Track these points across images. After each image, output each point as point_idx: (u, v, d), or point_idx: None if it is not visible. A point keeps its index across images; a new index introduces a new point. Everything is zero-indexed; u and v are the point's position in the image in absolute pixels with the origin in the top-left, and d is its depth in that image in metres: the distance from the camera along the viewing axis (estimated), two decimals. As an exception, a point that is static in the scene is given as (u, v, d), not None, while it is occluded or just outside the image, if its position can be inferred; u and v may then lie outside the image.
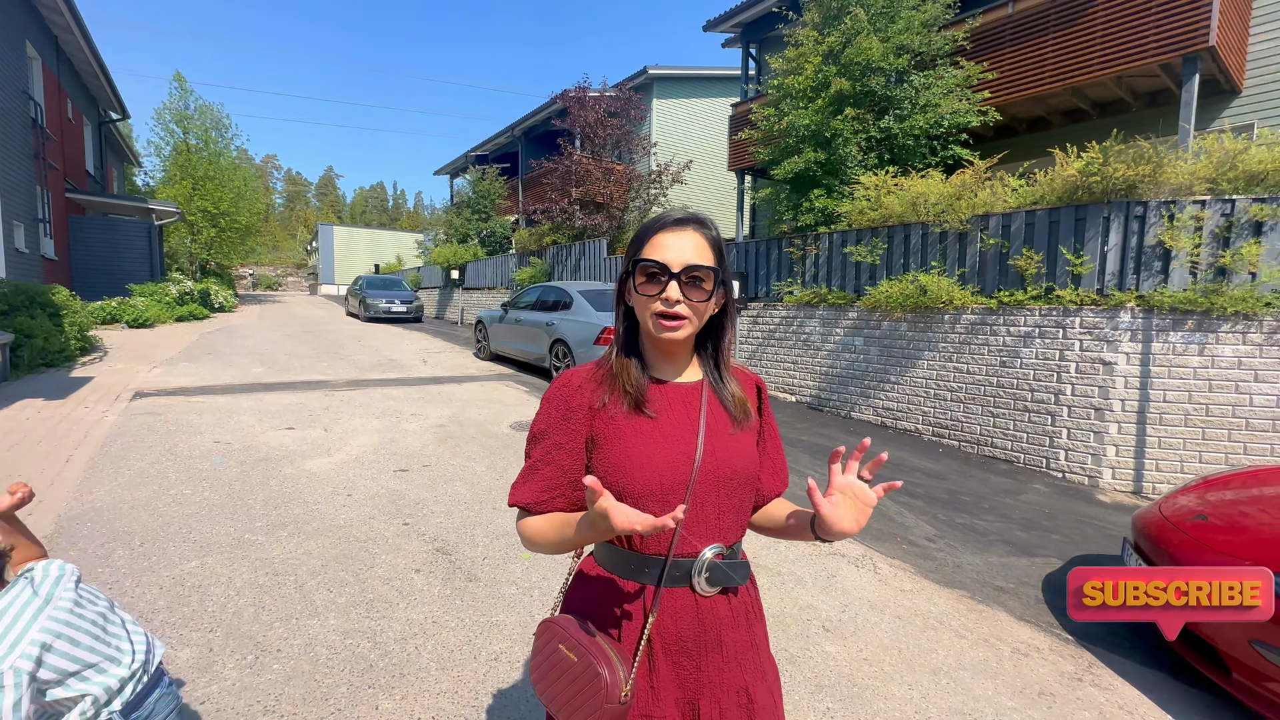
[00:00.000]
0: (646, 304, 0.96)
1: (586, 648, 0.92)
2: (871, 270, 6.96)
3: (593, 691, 0.89)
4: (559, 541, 0.97)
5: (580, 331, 7.59)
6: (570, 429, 0.98)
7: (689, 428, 0.99)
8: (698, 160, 14.64)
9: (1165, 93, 7.88)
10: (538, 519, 1.00)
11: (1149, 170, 4.96)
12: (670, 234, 0.96)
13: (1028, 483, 5.05)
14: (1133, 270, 5.10)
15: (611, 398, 0.98)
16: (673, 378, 1.03)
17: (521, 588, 2.90)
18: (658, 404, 0.99)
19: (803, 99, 7.62)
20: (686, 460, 0.96)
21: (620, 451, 0.96)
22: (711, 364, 1.06)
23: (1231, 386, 4.73)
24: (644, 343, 1.03)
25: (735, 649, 1.00)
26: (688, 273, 0.93)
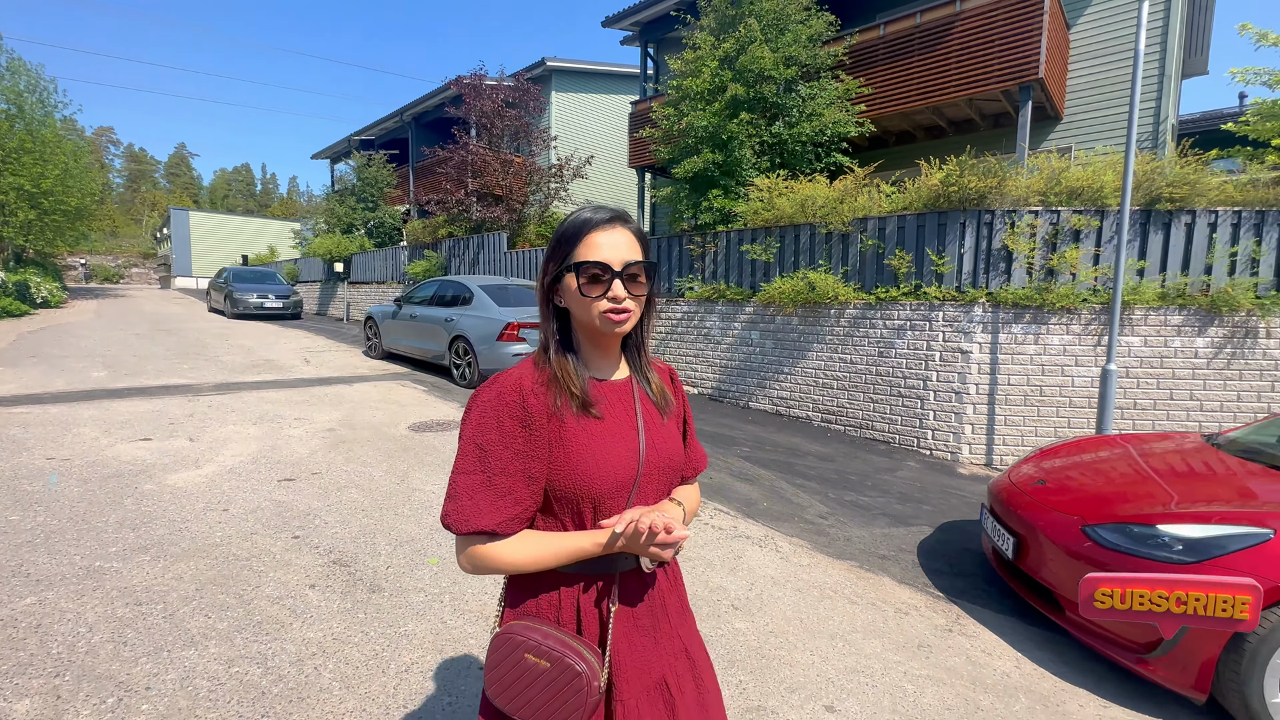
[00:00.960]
0: (591, 304, 0.96)
1: (557, 650, 0.92)
2: (766, 268, 7.37)
3: (574, 689, 0.90)
4: (542, 566, 0.96)
5: (482, 327, 7.35)
6: (534, 436, 0.95)
7: (630, 424, 1.03)
8: (599, 156, 14.66)
9: (1006, 116, 9.02)
10: (513, 543, 0.95)
11: (995, 183, 5.67)
12: (603, 233, 0.97)
13: (903, 460, 5.61)
14: (984, 270, 5.82)
15: (561, 401, 0.97)
16: (609, 375, 1.06)
17: (431, 594, 2.78)
18: (601, 404, 1.01)
19: (700, 101, 7.88)
20: (633, 456, 1.00)
21: (577, 454, 0.96)
22: (635, 356, 1.10)
23: (1059, 370, 5.55)
24: (578, 342, 1.04)
25: (675, 612, 1.10)
26: (628, 270, 0.96)
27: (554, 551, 0.95)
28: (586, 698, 0.90)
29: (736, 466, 5.13)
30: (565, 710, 0.91)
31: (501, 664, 0.96)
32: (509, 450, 0.94)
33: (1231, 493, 2.59)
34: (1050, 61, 7.70)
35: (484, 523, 0.93)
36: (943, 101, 8.36)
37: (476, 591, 2.83)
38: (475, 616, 2.63)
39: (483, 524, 0.93)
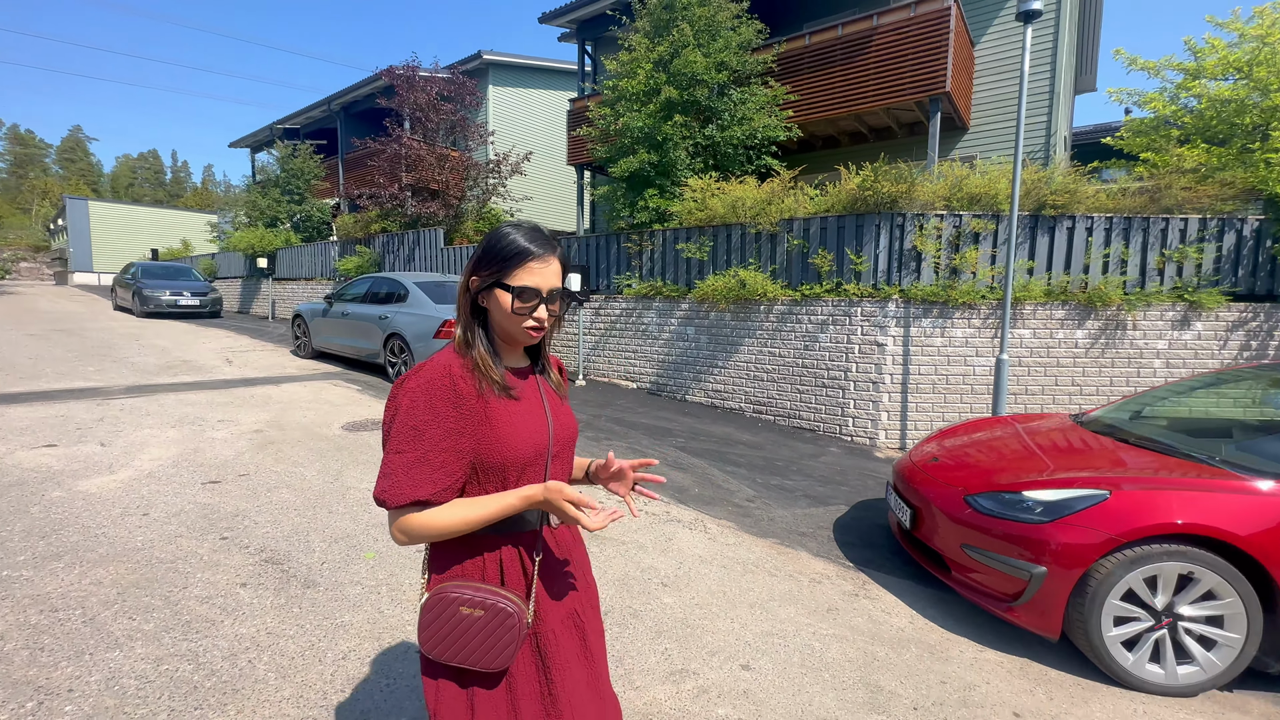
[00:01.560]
0: (519, 320, 1.13)
1: (488, 599, 1.07)
2: (700, 265, 7.64)
3: (506, 627, 1.07)
4: (472, 526, 1.09)
5: (418, 325, 7.27)
6: (463, 415, 1.08)
7: (538, 404, 1.20)
8: (538, 152, 14.60)
9: (920, 124, 9.69)
10: (445, 509, 1.08)
11: (906, 188, 6.14)
12: (540, 263, 1.12)
13: (826, 447, 6.00)
14: (897, 268, 6.29)
15: (484, 385, 1.11)
16: (516, 364, 1.23)
17: (367, 587, 2.83)
18: (516, 388, 1.17)
19: (636, 102, 8.06)
20: (544, 431, 1.18)
21: (502, 431, 1.11)
22: (539, 351, 1.29)
23: (962, 360, 6.09)
24: (494, 337, 1.19)
25: (578, 559, 1.31)
26: (551, 296, 1.15)
27: (484, 510, 1.08)
28: (518, 632, 1.08)
29: (672, 456, 5.36)
30: (501, 645, 1.07)
31: (437, 620, 1.09)
32: (441, 429, 1.06)
33: (1084, 462, 3.00)
34: (956, 76, 8.35)
35: (420, 493, 1.04)
36: (863, 109, 8.90)
37: (414, 582, 2.90)
38: (411, 605, 2.70)
39: (419, 494, 1.04)
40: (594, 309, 8.70)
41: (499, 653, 1.08)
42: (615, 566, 3.23)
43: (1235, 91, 6.63)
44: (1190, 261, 6.09)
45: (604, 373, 8.67)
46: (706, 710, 2.17)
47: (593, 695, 1.21)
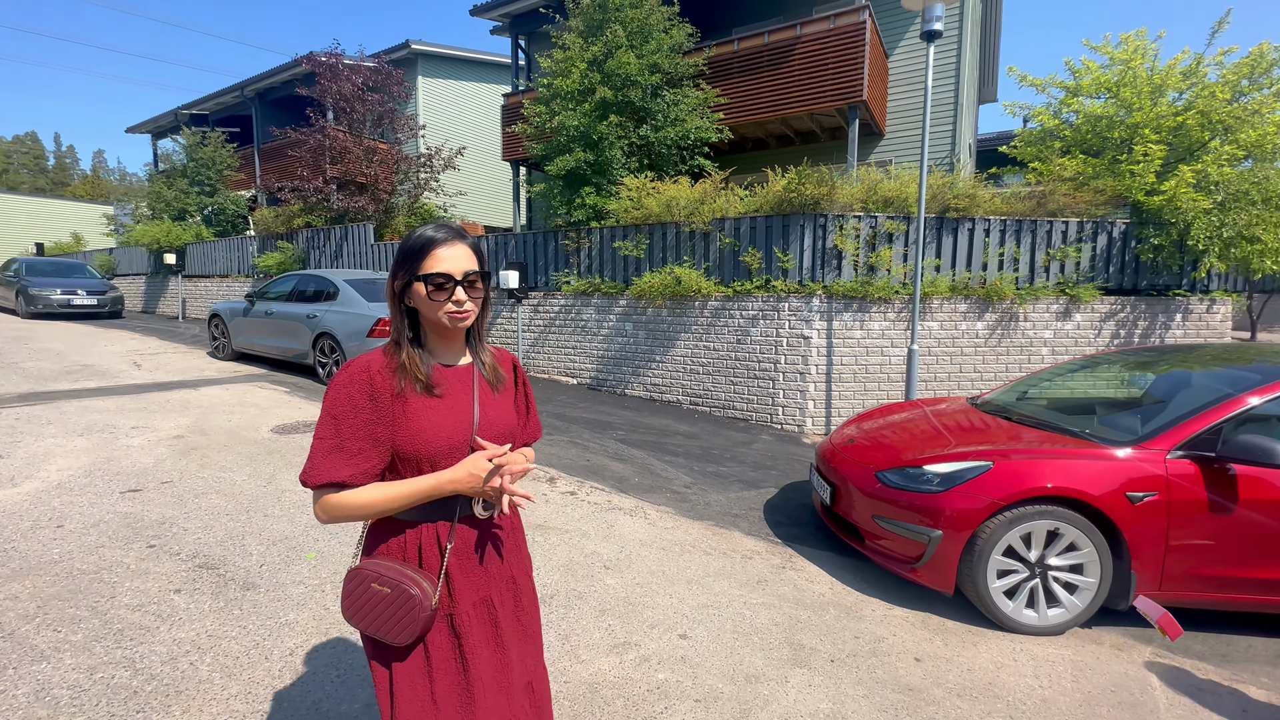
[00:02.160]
0: (438, 306, 1.19)
1: (396, 579, 1.16)
2: (637, 263, 7.84)
3: (409, 608, 1.15)
4: (382, 507, 1.17)
5: (351, 324, 7.08)
6: (379, 407, 1.16)
7: (466, 400, 1.26)
8: (473, 147, 14.34)
9: (841, 130, 10.27)
10: (362, 491, 1.16)
11: (827, 191, 6.56)
12: (445, 248, 1.19)
13: (758, 435, 6.34)
14: (820, 266, 6.71)
15: (405, 384, 1.19)
16: (453, 361, 1.29)
17: (311, 586, 2.84)
18: (443, 385, 1.24)
19: (571, 101, 8.14)
20: (467, 425, 1.24)
21: (418, 425, 1.18)
22: (475, 344, 1.33)
23: (879, 351, 6.58)
24: (426, 335, 1.26)
25: (508, 550, 1.36)
26: (467, 278, 1.20)
27: (397, 493, 1.16)
28: (420, 614, 1.15)
29: (612, 448, 5.52)
30: (404, 624, 1.16)
31: (353, 593, 1.20)
32: (358, 419, 1.15)
33: (977, 439, 3.40)
34: (872, 86, 8.92)
35: (336, 475, 1.13)
36: (789, 114, 9.35)
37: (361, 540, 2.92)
38: (359, 600, 2.74)
39: (335, 476, 1.13)
40: (533, 306, 8.73)
41: (402, 629, 1.16)
42: (560, 553, 3.36)
43: (1106, 109, 7.48)
44: (1070, 260, 6.84)
45: (544, 369, 8.72)
46: (648, 676, 2.36)
47: (499, 683, 1.27)
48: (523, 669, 1.34)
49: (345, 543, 3.29)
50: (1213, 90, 6.91)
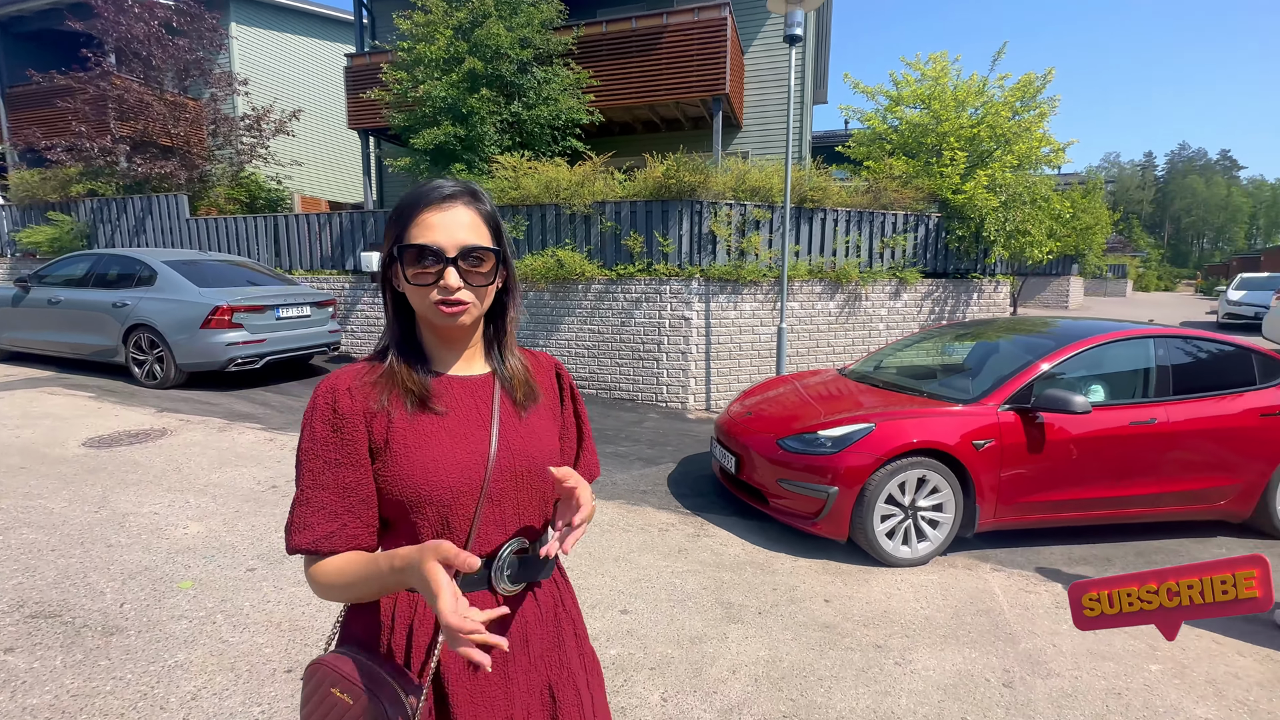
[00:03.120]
0: (423, 292, 0.85)
1: (363, 684, 0.80)
2: (516, 244, 7.61)
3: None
4: (350, 591, 0.83)
5: (177, 312, 6.01)
6: (345, 441, 0.83)
7: (480, 424, 0.90)
8: (310, 112, 12.69)
9: (704, 120, 10.80)
10: (335, 561, 0.83)
11: (703, 179, 6.90)
12: (437, 211, 0.85)
13: (646, 414, 6.58)
14: (697, 250, 7.07)
15: (390, 398, 0.86)
16: (463, 370, 0.94)
17: (197, 618, 2.46)
18: (445, 399, 0.89)
19: (437, 69, 7.59)
20: (480, 460, 0.87)
21: (406, 458, 0.84)
22: (496, 346, 0.98)
23: (751, 330, 7.14)
24: (422, 333, 0.93)
25: (541, 647, 0.94)
26: (465, 254, 0.85)
27: (360, 572, 0.81)
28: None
29: (508, 437, 5.39)
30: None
31: (311, 698, 0.85)
32: (320, 459, 0.83)
33: (853, 405, 3.89)
34: (733, 79, 9.49)
35: (300, 540, 0.82)
36: (657, 101, 9.61)
37: (257, 602, 2.59)
38: (263, 626, 2.43)
39: (298, 542, 0.82)
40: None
41: None
42: (481, 548, 3.26)
43: (922, 118, 8.74)
44: (899, 247, 7.95)
45: (415, 358, 8.16)
46: (602, 653, 2.41)
47: None
48: None
49: (229, 565, 2.88)
50: (997, 108, 8.40)
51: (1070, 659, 2.49)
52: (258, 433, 4.99)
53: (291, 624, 2.47)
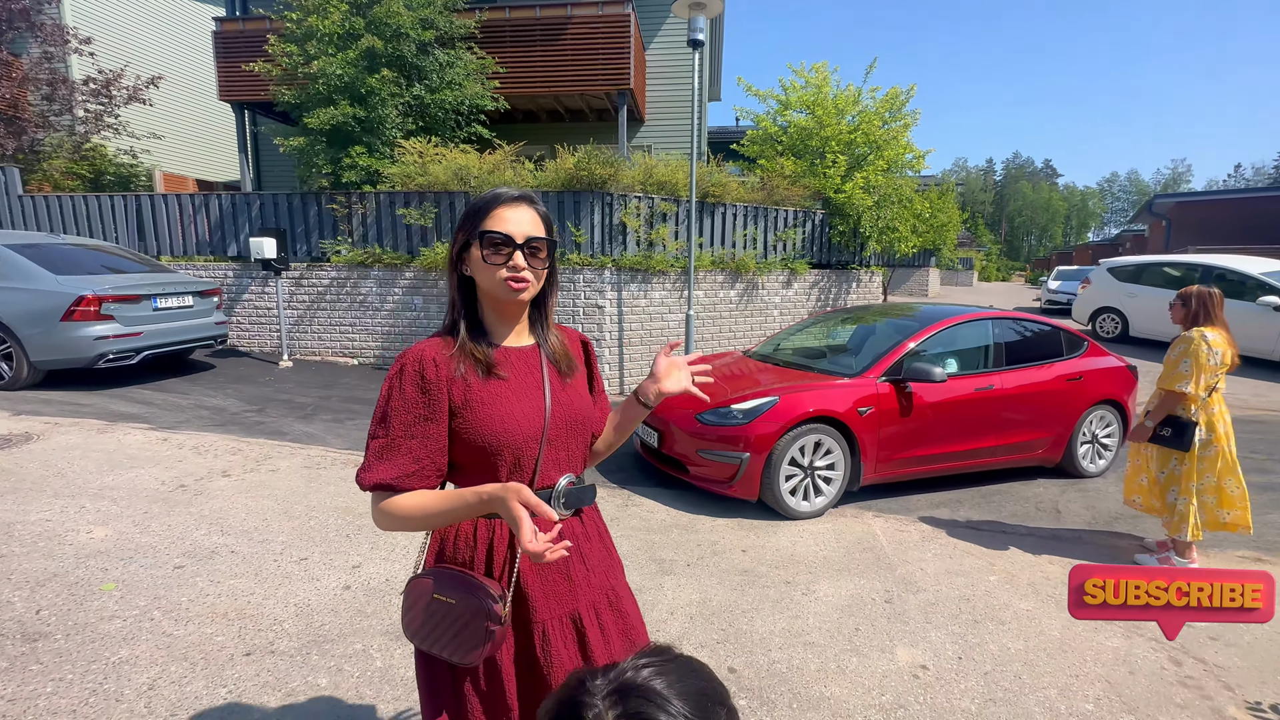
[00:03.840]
0: (494, 270, 1.05)
1: (461, 588, 1.01)
2: (424, 232, 7.45)
3: (478, 622, 0.98)
4: (430, 518, 1.03)
5: (29, 303, 5.32)
6: (431, 401, 1.04)
7: (535, 385, 1.12)
8: (173, 79, 11.33)
9: (607, 112, 11.03)
10: (412, 496, 1.03)
11: (613, 172, 7.17)
12: (510, 209, 1.08)
13: (564, 399, 6.78)
14: (609, 241, 7.34)
15: (466, 367, 1.07)
16: (515, 342, 1.15)
17: (130, 617, 2.39)
18: (505, 367, 1.11)
19: (332, 45, 7.18)
20: (539, 413, 1.10)
21: (485, 414, 1.06)
22: (541, 324, 1.19)
23: (660, 317, 7.55)
24: (484, 312, 1.13)
25: (595, 559, 1.19)
26: (529, 243, 1.07)
27: (443, 504, 1.01)
28: (488, 627, 0.98)
29: (428, 426, 5.38)
30: (470, 640, 0.99)
31: (413, 607, 1.04)
32: (410, 414, 1.03)
33: (759, 381, 4.38)
34: (636, 75, 9.81)
35: (383, 476, 1.01)
36: (562, 92, 9.71)
37: (194, 596, 2.55)
38: (207, 617, 2.42)
39: (382, 478, 1.01)
40: (294, 279, 7.62)
41: (469, 647, 1.00)
42: (422, 530, 3.36)
43: (808, 122, 9.57)
44: (790, 241, 8.72)
45: (315, 350, 7.74)
46: (553, 609, 2.66)
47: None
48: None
49: (153, 565, 2.77)
50: (870, 117, 9.41)
51: (933, 578, 3.10)
52: (147, 433, 4.61)
53: (239, 613, 2.47)
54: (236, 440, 4.63)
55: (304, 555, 2.98)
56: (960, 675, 2.33)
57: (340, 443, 4.75)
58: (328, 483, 3.92)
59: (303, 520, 3.36)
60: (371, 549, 3.09)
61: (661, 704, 0.54)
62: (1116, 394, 4.77)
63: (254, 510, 3.44)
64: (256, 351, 7.86)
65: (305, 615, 2.49)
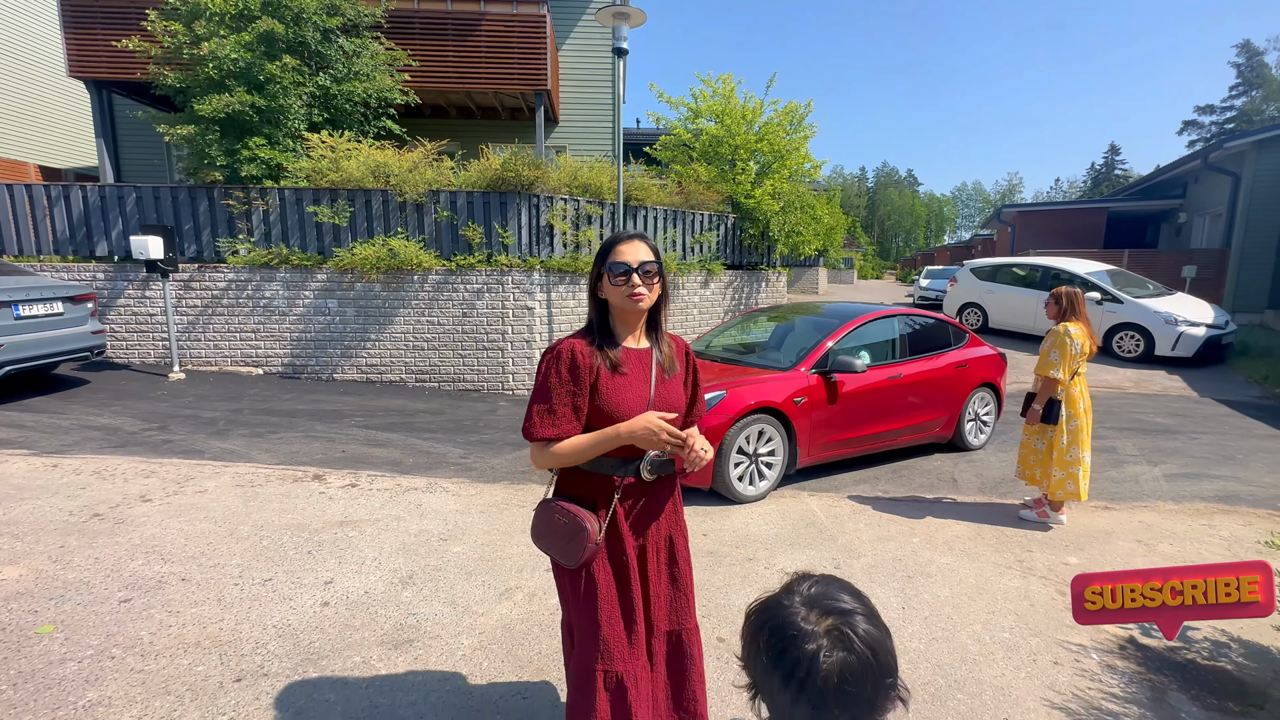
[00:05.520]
0: (620, 290, 1.47)
1: (574, 513, 1.46)
2: (337, 231, 7.03)
3: (581, 538, 1.44)
4: (582, 453, 1.46)
5: None
6: (579, 381, 1.46)
7: (644, 380, 1.54)
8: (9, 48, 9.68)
9: (521, 111, 10.93)
10: (567, 442, 1.46)
11: (540, 174, 7.19)
12: (626, 245, 1.49)
13: (496, 403, 6.73)
14: (537, 242, 7.36)
15: (600, 361, 1.48)
16: (634, 345, 1.56)
17: (86, 659, 2.18)
18: (626, 365, 1.52)
19: (223, 25, 6.56)
20: (644, 401, 1.51)
21: (609, 396, 1.48)
22: (654, 332, 1.60)
23: (589, 318, 7.67)
24: (613, 321, 1.54)
25: (665, 513, 1.62)
26: (642, 267, 1.47)
27: (591, 440, 1.46)
28: (587, 543, 1.44)
29: (362, 435, 5.16)
30: (573, 550, 1.46)
31: (539, 522, 1.54)
32: (563, 389, 1.46)
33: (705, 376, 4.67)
34: (552, 76, 9.82)
35: (549, 433, 1.45)
36: (475, 89, 9.52)
37: (156, 629, 2.37)
38: (179, 649, 2.27)
39: (548, 433, 1.45)
40: (183, 282, 6.88)
41: (572, 554, 1.46)
42: (388, 539, 3.29)
43: (718, 131, 10.10)
44: (707, 243, 9.18)
45: (210, 360, 7.05)
46: (544, 605, 2.75)
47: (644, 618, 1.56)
48: (674, 617, 1.63)
49: (92, 602, 2.52)
50: (774, 128, 10.11)
51: (869, 544, 3.54)
52: (29, 459, 4.05)
53: (213, 641, 2.33)
54: (144, 462, 4.19)
55: (267, 576, 2.83)
56: (906, 621, 2.74)
57: (269, 458, 4.44)
58: (269, 500, 3.70)
59: (253, 541, 3.17)
60: (339, 564, 3.00)
61: (842, 598, 0.82)
62: (993, 377, 5.61)
63: (192, 535, 3.19)
64: (136, 363, 7.01)
65: (288, 635, 2.40)
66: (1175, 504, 4.32)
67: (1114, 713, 2.18)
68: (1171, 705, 2.24)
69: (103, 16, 8.29)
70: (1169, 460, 5.31)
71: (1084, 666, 2.45)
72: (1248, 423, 6.71)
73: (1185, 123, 45.33)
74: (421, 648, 2.38)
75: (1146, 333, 9.53)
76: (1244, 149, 12.36)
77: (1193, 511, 4.18)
